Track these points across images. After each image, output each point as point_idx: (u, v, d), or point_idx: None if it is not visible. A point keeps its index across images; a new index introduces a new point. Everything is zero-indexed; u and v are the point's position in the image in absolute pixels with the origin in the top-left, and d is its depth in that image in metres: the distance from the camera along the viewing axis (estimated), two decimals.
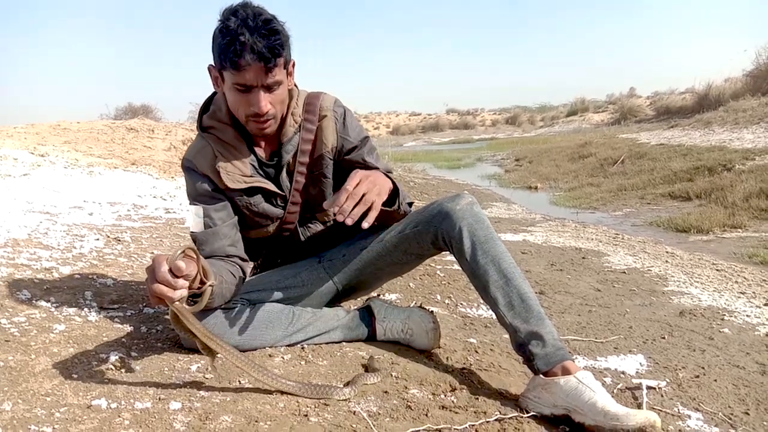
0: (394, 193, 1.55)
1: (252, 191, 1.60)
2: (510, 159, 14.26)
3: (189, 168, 1.60)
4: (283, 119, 1.59)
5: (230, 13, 1.41)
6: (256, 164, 1.62)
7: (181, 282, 1.21)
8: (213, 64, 1.50)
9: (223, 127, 1.58)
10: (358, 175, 1.40)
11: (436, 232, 1.61)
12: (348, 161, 1.66)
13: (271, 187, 1.61)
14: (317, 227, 1.75)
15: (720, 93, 14.11)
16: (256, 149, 1.62)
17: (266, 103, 1.46)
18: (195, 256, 1.28)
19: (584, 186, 8.64)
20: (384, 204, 1.48)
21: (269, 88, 1.46)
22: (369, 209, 1.37)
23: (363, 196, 1.37)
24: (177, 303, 1.22)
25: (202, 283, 1.30)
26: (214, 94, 1.64)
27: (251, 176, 1.59)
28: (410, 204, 1.68)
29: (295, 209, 1.67)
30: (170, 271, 1.19)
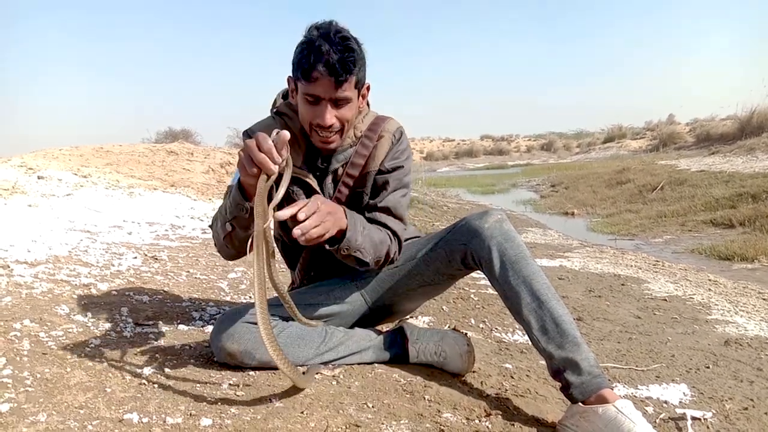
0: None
1: (296, 180, 1.61)
2: (545, 185, 14.11)
3: (250, 137, 1.62)
4: None
5: (314, 26, 1.48)
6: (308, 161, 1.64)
7: (277, 158, 1.24)
8: (291, 75, 1.55)
9: (295, 117, 1.62)
10: (314, 203, 1.36)
11: (465, 251, 1.59)
12: (375, 179, 1.66)
13: (314, 183, 1.63)
14: None
15: (764, 119, 13.74)
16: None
17: (331, 116, 1.49)
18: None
19: (622, 212, 8.48)
20: (329, 242, 1.46)
21: (337, 103, 1.49)
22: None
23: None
24: (266, 182, 1.24)
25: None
26: None
27: (300, 168, 1.61)
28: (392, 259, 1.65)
29: None
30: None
